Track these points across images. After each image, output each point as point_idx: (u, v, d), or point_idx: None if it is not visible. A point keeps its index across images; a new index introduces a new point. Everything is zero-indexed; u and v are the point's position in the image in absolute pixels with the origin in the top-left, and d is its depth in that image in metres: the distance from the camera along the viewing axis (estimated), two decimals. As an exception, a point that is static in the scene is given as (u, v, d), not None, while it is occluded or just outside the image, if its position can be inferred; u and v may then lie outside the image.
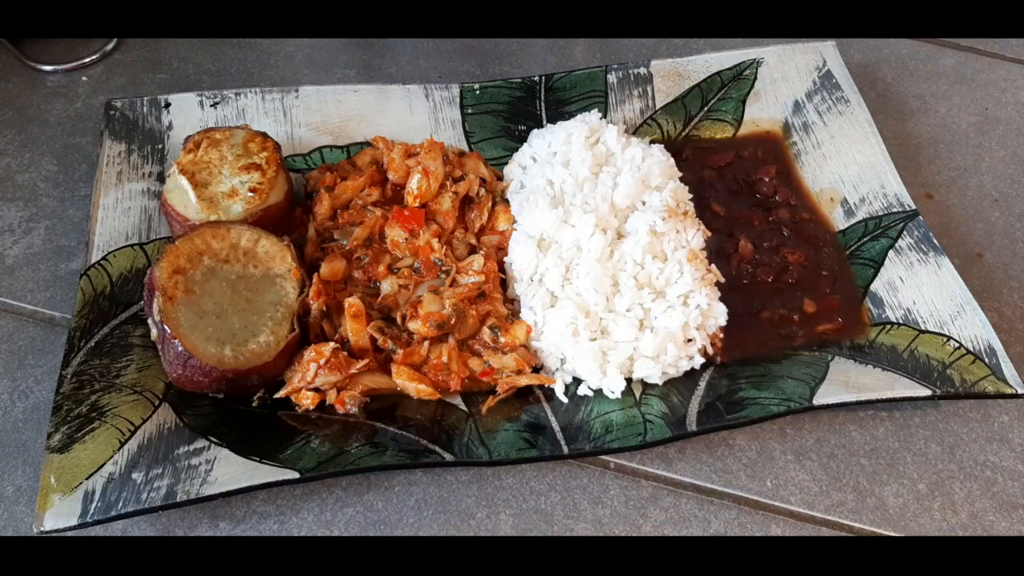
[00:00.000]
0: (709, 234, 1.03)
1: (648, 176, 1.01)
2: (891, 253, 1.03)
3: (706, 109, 1.19)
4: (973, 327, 0.95)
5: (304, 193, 1.08)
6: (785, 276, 1.03)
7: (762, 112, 1.19)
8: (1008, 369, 0.91)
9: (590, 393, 0.93)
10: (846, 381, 0.92)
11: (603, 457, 0.92)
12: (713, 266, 1.00)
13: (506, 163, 1.12)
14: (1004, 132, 1.26)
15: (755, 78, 1.20)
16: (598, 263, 0.94)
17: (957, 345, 0.94)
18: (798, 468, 0.93)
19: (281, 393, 0.91)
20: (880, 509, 0.90)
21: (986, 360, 0.92)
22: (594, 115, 1.09)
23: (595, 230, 0.96)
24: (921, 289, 0.99)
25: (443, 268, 0.98)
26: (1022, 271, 1.10)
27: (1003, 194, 1.19)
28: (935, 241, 1.02)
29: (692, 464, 0.92)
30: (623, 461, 0.92)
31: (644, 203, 1.00)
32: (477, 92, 1.17)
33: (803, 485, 0.92)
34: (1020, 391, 0.90)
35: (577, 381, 0.94)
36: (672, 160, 1.07)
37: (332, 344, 0.90)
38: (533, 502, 0.89)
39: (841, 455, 0.94)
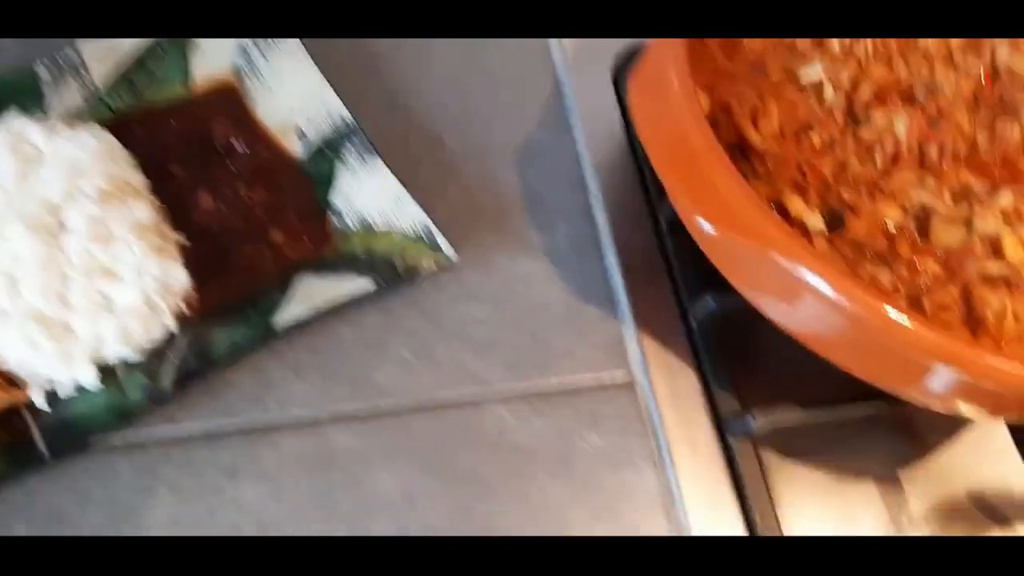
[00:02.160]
0: (159, 203, 1.06)
1: (77, 162, 1.01)
2: (340, 167, 1.13)
3: (152, 75, 1.19)
4: (410, 217, 1.09)
5: None
6: (252, 217, 1.10)
7: (210, 64, 1.22)
8: (443, 242, 1.07)
9: (74, 394, 0.95)
10: (310, 295, 1.02)
11: (111, 443, 0.95)
12: (171, 231, 1.04)
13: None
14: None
15: (193, 32, 1.21)
16: (41, 268, 0.94)
17: (401, 235, 1.08)
18: (298, 382, 1.03)
19: None
20: (373, 387, 1.03)
21: (426, 241, 1.07)
22: (14, 118, 1.05)
23: (27, 233, 0.95)
24: (368, 194, 1.11)
25: None
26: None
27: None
28: (371, 146, 1.13)
29: (201, 414, 0.98)
30: (130, 440, 0.96)
31: (79, 191, 1.00)
32: None
33: (305, 396, 1.02)
34: (455, 260, 1.07)
35: (55, 388, 0.95)
36: (110, 138, 1.07)
37: None
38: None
39: (335, 356, 1.05)
